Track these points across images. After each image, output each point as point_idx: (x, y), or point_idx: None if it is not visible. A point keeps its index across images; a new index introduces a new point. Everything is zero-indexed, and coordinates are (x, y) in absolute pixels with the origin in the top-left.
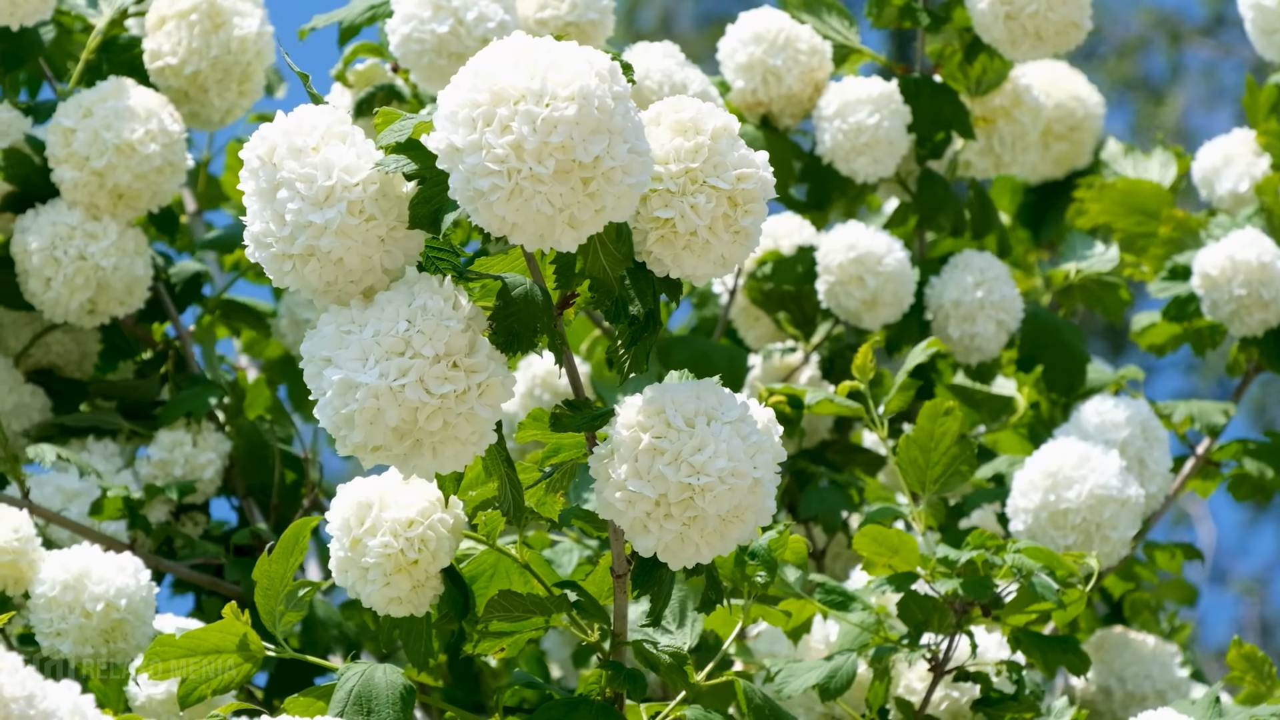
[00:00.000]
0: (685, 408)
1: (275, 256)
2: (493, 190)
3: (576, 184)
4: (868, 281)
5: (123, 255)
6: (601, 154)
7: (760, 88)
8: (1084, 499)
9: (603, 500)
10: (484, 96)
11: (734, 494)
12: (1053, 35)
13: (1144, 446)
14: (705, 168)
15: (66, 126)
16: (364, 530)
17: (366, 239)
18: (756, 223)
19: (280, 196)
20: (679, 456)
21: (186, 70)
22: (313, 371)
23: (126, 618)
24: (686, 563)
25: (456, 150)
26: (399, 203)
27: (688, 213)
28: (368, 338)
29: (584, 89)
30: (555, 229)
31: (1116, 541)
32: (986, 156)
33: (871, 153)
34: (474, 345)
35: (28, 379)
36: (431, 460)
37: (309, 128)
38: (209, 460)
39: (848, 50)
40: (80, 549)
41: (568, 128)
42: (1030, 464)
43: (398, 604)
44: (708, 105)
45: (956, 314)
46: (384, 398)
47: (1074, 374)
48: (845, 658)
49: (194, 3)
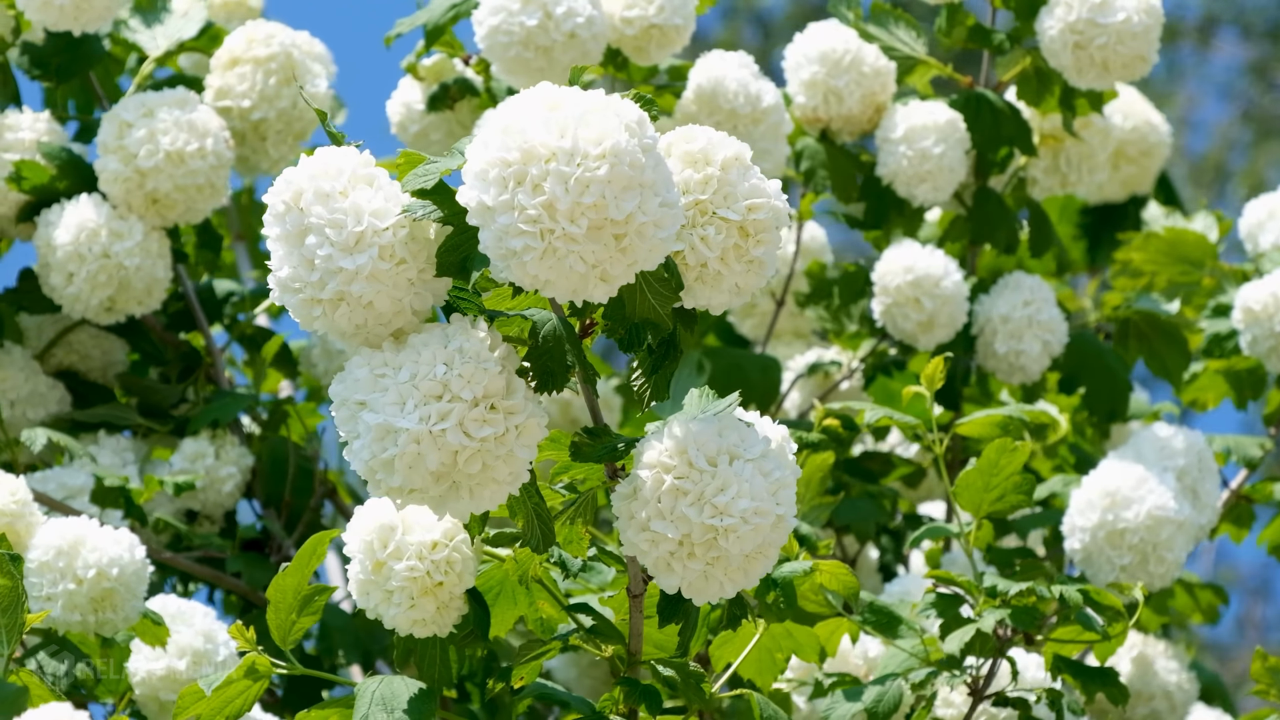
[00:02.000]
0: (708, 447)
1: (304, 302)
2: (526, 251)
3: (609, 240)
4: (925, 304)
5: (146, 256)
6: (634, 211)
7: (821, 105)
8: (1142, 519)
9: (627, 540)
10: (514, 155)
11: (757, 533)
12: (1119, 67)
13: (1199, 477)
14: (715, 199)
15: (125, 119)
16: (388, 554)
17: (397, 282)
18: (770, 252)
19: (309, 242)
20: (702, 497)
21: (254, 115)
22: (345, 415)
23: (117, 588)
24: (711, 599)
25: (488, 209)
26: (428, 245)
27: (698, 245)
28: (404, 381)
29: (615, 147)
30: (588, 285)
31: (1171, 563)
32: (1053, 175)
33: (933, 180)
34: (511, 386)
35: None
36: (469, 502)
37: (335, 171)
38: (229, 474)
39: (914, 62)
40: (78, 519)
41: (600, 187)
42: (1088, 483)
43: (422, 626)
44: (719, 135)
45: (1004, 330)
46: (425, 442)
47: (1116, 400)
48: (892, 682)
49: (273, 51)
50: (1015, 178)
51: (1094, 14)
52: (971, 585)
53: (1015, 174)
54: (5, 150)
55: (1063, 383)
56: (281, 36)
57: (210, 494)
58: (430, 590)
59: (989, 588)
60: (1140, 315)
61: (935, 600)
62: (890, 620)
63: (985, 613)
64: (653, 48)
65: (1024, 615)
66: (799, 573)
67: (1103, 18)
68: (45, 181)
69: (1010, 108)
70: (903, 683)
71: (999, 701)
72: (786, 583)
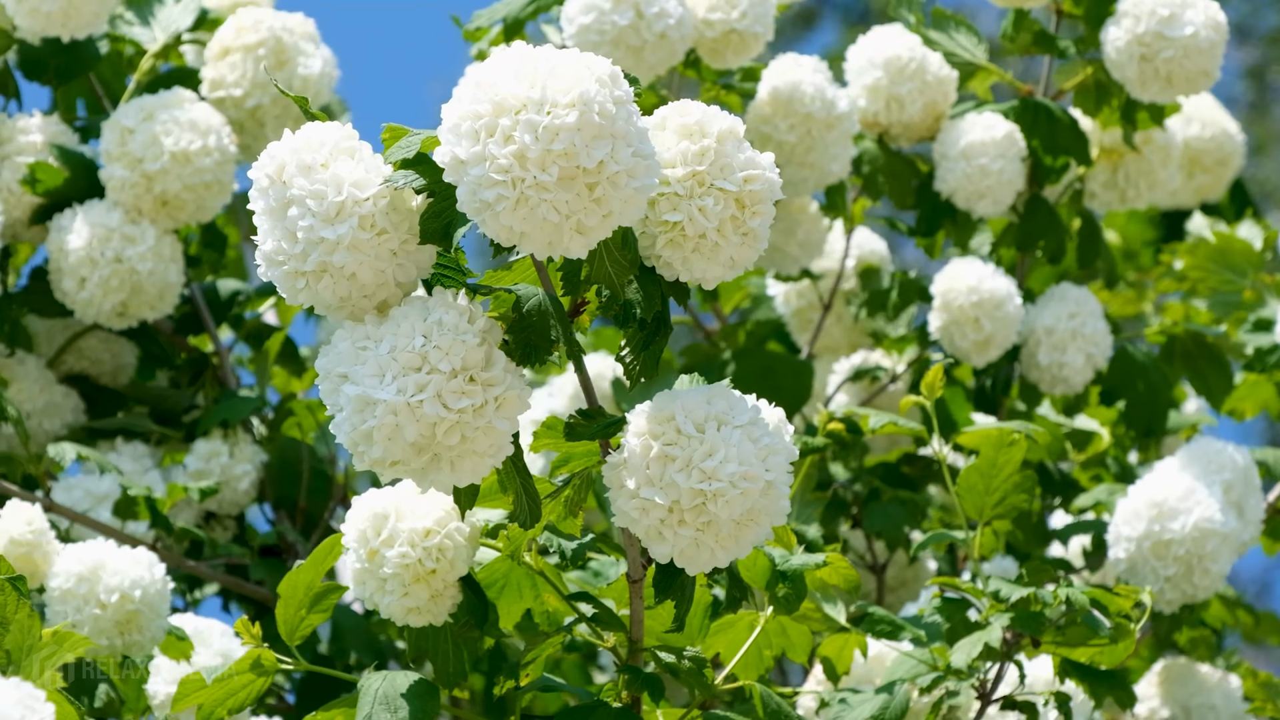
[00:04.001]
0: (695, 413)
1: (288, 274)
2: (498, 200)
3: (582, 190)
4: (985, 325)
5: (158, 260)
6: (605, 159)
7: (883, 111)
8: (1189, 531)
9: (618, 509)
10: (485, 108)
11: (746, 498)
12: (1183, 81)
13: (1244, 492)
14: (712, 170)
15: (126, 126)
16: (381, 541)
17: (379, 253)
18: (764, 224)
19: (291, 214)
20: (690, 463)
21: (248, 103)
22: (329, 388)
23: (141, 610)
24: (703, 567)
25: (461, 163)
26: (410, 216)
27: (696, 215)
28: (384, 353)
29: (584, 95)
30: (563, 236)
31: (1216, 574)
32: (1111, 190)
33: (993, 195)
34: (490, 359)
35: (62, 384)
36: (450, 474)
37: (317, 144)
38: (244, 472)
39: (975, 68)
40: (95, 543)
41: (569, 134)
42: (1134, 493)
43: (416, 614)
44: (713, 109)
45: (1048, 341)
46: (402, 414)
47: (1155, 415)
48: (899, 688)
49: (261, 37)
50: (1071, 189)
51: (1162, 27)
52: (976, 590)
53: (1071, 185)
54: (17, 153)
55: (1104, 395)
56: (270, 21)
57: (227, 493)
58: (423, 577)
59: (993, 592)
60: (1187, 335)
61: (941, 605)
62: (893, 628)
63: (992, 618)
64: (730, 52)
65: (1028, 620)
66: (810, 565)
67: (1171, 31)
68: (59, 184)
69: (1069, 117)
70: (910, 688)
71: (1007, 705)
72: (797, 575)
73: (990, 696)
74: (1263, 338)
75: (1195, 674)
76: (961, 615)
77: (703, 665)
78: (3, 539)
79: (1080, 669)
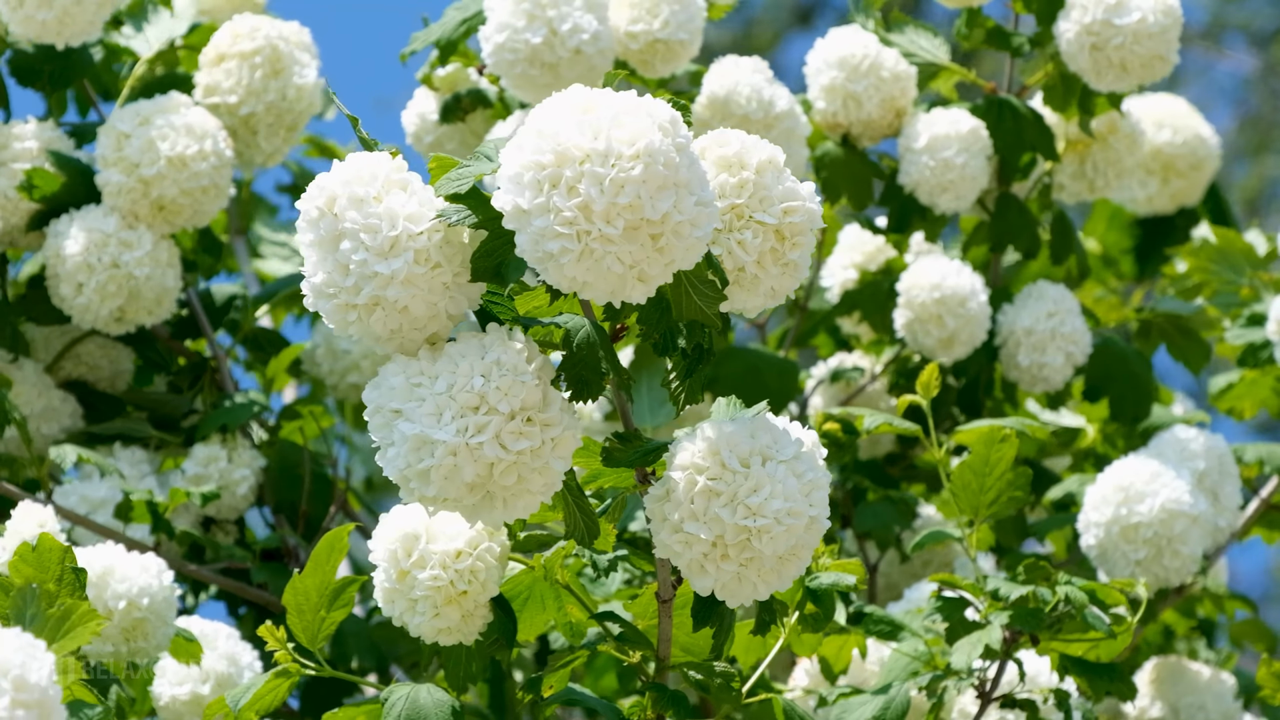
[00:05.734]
0: (740, 448)
1: (339, 307)
2: (563, 253)
3: (645, 241)
4: (947, 322)
5: (155, 265)
6: (670, 210)
7: (840, 111)
8: (1155, 513)
9: (660, 541)
10: (549, 158)
11: (790, 534)
12: (1138, 68)
13: (1219, 480)
14: (751, 203)
15: (122, 131)
16: (412, 563)
17: (432, 287)
18: (804, 255)
19: (344, 247)
20: (735, 498)
21: (242, 110)
22: (380, 422)
23: (148, 617)
24: (744, 601)
25: (524, 213)
26: (463, 249)
27: (735, 249)
28: (441, 392)
29: (649, 146)
30: (626, 285)
31: (1187, 557)
32: (1079, 181)
33: (955, 190)
34: (547, 399)
35: (60, 390)
36: (502, 511)
37: (369, 177)
38: (243, 476)
39: (936, 68)
40: (104, 547)
41: (635, 187)
42: (1102, 479)
43: (447, 634)
44: (752, 138)
45: (1028, 342)
46: (461, 454)
47: (1140, 404)
48: (899, 688)
49: (257, 45)
50: (1040, 183)
51: (1110, 15)
52: (975, 588)
53: (1040, 180)
54: (13, 160)
55: (1088, 392)
56: (267, 29)
57: (225, 497)
58: (454, 599)
59: (992, 590)
60: (1162, 315)
61: (940, 604)
62: (892, 628)
63: (991, 616)
64: (658, 62)
65: (1027, 616)
66: (841, 585)
67: (1118, 18)
68: (56, 190)
69: (1033, 113)
70: (909, 687)
71: (1007, 703)
72: (826, 594)
73: (991, 695)
74: (1255, 333)
75: (1186, 673)
76: (960, 614)
77: (731, 678)
78: (14, 541)
79: (1080, 664)
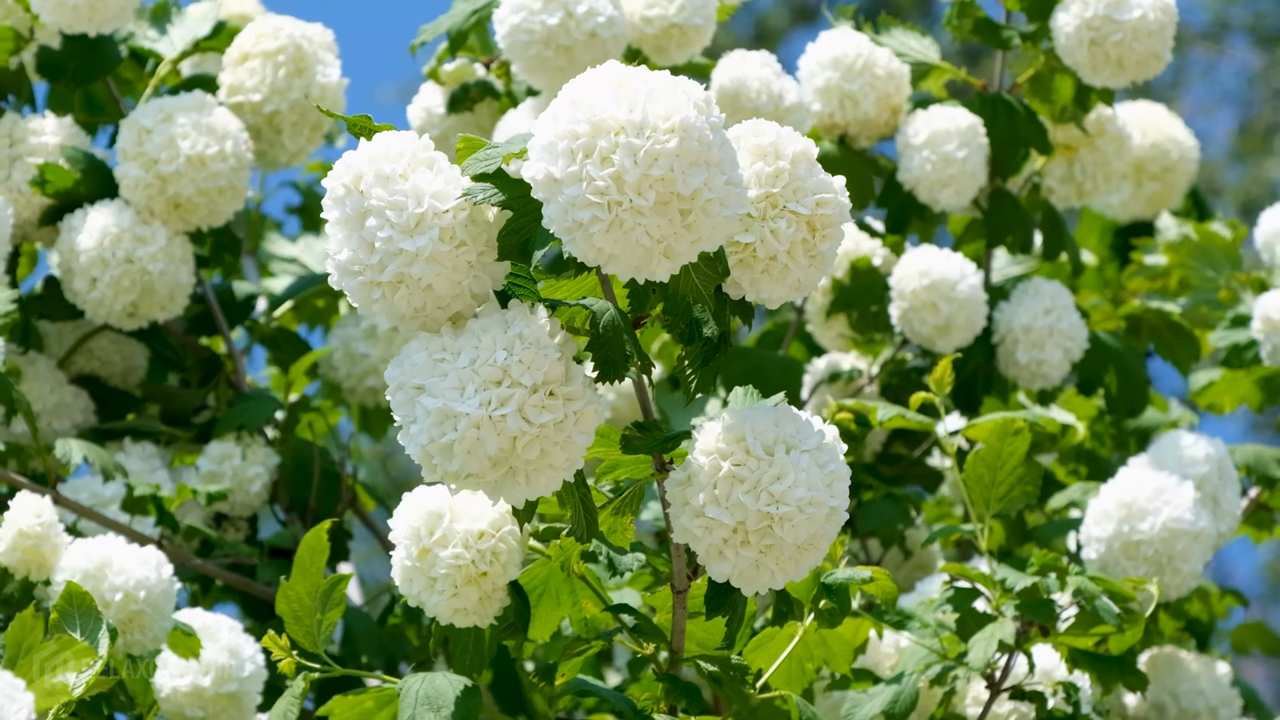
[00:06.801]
0: (765, 435)
1: (363, 285)
2: (593, 222)
3: (675, 216)
4: (941, 308)
5: (169, 261)
6: (700, 187)
7: (837, 111)
8: (1157, 531)
9: (679, 525)
10: (584, 128)
11: (812, 523)
12: (1134, 64)
13: (1219, 485)
14: (785, 193)
15: (144, 125)
16: (434, 541)
17: (456, 265)
18: (833, 248)
19: (369, 225)
20: (758, 485)
21: (266, 109)
22: (403, 399)
23: (145, 609)
24: (761, 588)
25: (555, 181)
26: (488, 228)
27: (768, 238)
28: (464, 366)
29: (685, 121)
30: (652, 260)
31: (1187, 574)
32: (1068, 184)
33: (956, 185)
34: (570, 373)
35: (72, 385)
36: (525, 488)
37: (395, 154)
38: (256, 474)
39: (928, 67)
40: (104, 539)
41: (669, 160)
42: (1105, 492)
43: (464, 615)
44: (786, 130)
45: (1026, 339)
46: (484, 427)
47: (1135, 397)
48: (908, 680)
49: (281, 44)
50: (1030, 183)
51: (1110, 10)
52: (987, 579)
53: (1030, 179)
54: (29, 154)
55: (1083, 385)
56: (290, 29)
57: (239, 495)
58: (474, 579)
59: (1002, 580)
60: (1152, 313)
61: (952, 594)
62: (902, 618)
63: (1003, 606)
64: (673, 47)
65: (1036, 608)
66: (856, 580)
67: (1119, 14)
68: (69, 186)
69: (1027, 110)
70: (917, 679)
71: (1016, 695)
72: (841, 589)
73: (1000, 686)
74: (1240, 333)
75: (1181, 662)
76: (970, 605)
77: (744, 672)
78: (11, 531)
79: (1089, 657)
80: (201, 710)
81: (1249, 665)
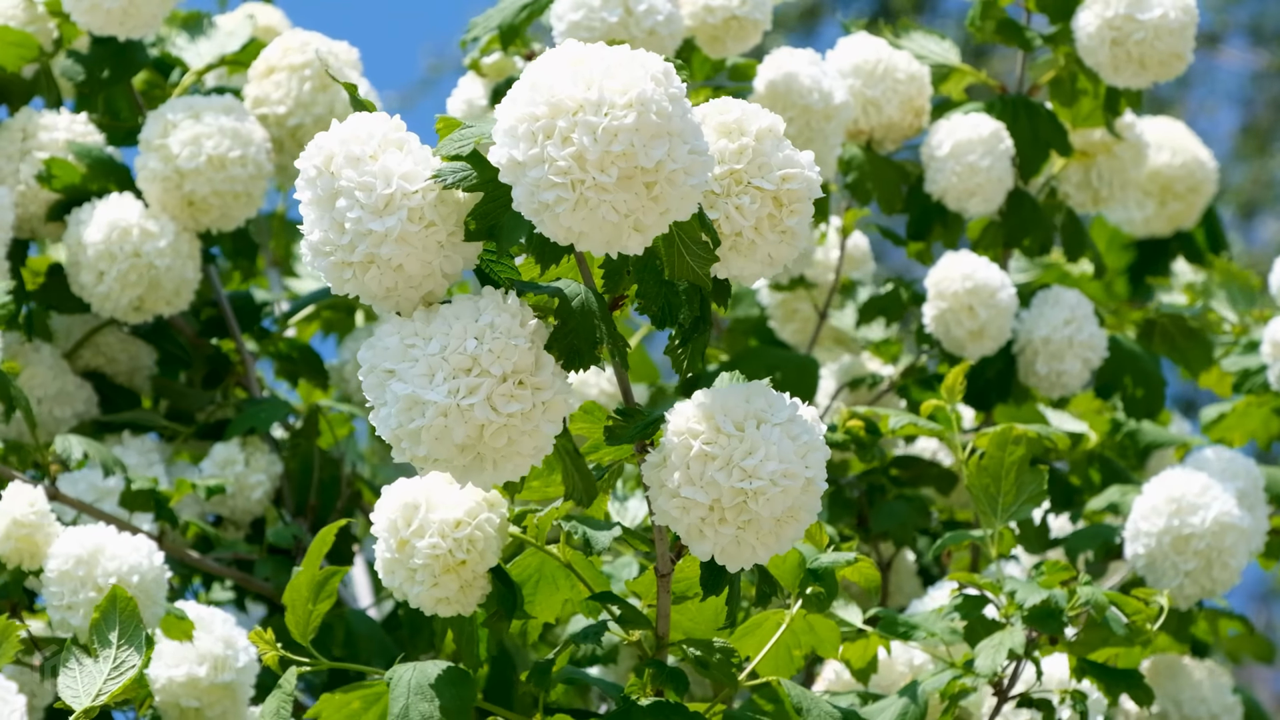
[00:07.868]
0: (735, 412)
1: (335, 265)
2: (558, 202)
3: (640, 189)
4: (979, 313)
5: (176, 256)
6: (663, 158)
7: (861, 117)
8: (1209, 525)
9: (658, 507)
10: (542, 110)
11: (787, 495)
12: (1156, 64)
13: (1254, 502)
14: (750, 169)
15: (170, 119)
16: (411, 532)
17: (426, 245)
18: (803, 222)
19: (339, 205)
20: (730, 461)
21: (290, 121)
22: (373, 382)
23: (137, 595)
24: (744, 564)
25: (519, 164)
26: (458, 208)
27: (732, 214)
28: (434, 353)
29: (642, 95)
30: (622, 235)
31: (1234, 569)
32: (1084, 190)
33: (983, 193)
34: (539, 363)
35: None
36: (491, 473)
37: (365, 136)
38: (258, 482)
39: (948, 70)
40: (96, 527)
41: (628, 135)
42: (1151, 490)
43: (446, 604)
44: (753, 106)
45: (1045, 351)
46: (452, 415)
47: (1153, 400)
48: (915, 691)
49: (307, 59)
50: (1048, 187)
51: (1132, 9)
52: (995, 587)
53: (1048, 182)
54: (38, 149)
55: (1100, 389)
56: (317, 44)
57: (239, 501)
58: (453, 568)
59: (1010, 592)
60: (1165, 317)
61: (960, 603)
62: (907, 629)
63: (1012, 617)
64: (730, 39)
65: (1047, 619)
66: (840, 563)
67: (1140, 13)
68: (76, 181)
69: (1047, 112)
70: (924, 690)
71: (1023, 703)
72: (827, 573)
73: (1007, 694)
74: (1250, 359)
75: (1183, 669)
76: (978, 613)
77: (731, 654)
78: (5, 519)
79: (1097, 668)
80: (197, 700)
81: (1248, 672)
